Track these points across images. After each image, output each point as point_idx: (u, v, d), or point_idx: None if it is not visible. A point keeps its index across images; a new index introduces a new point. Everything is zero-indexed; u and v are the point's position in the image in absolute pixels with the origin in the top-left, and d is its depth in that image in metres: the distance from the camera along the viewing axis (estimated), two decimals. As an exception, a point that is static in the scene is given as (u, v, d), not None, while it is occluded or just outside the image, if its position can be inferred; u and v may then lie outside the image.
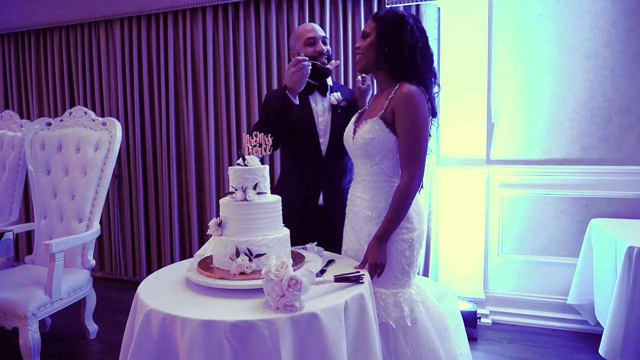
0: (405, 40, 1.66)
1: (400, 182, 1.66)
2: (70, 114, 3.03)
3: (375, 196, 1.74)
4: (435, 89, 1.77)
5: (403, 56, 1.67)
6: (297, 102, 1.89)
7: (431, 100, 1.72)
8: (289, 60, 3.30)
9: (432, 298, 1.83)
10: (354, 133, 1.78)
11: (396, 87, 1.68)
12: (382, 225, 1.66)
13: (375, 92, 2.36)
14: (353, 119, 1.88)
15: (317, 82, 2.08)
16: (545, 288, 3.02)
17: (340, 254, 1.89)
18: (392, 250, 1.70)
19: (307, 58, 1.88)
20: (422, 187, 1.78)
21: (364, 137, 1.71)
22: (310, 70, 1.89)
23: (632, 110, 2.81)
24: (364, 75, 2.05)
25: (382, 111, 1.69)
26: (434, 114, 1.75)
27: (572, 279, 2.80)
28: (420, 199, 1.83)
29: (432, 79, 1.73)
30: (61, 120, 3.03)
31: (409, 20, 1.68)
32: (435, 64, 1.78)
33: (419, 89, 1.66)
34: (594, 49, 2.85)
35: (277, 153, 3.33)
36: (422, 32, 1.72)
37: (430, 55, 1.72)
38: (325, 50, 2.07)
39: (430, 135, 1.78)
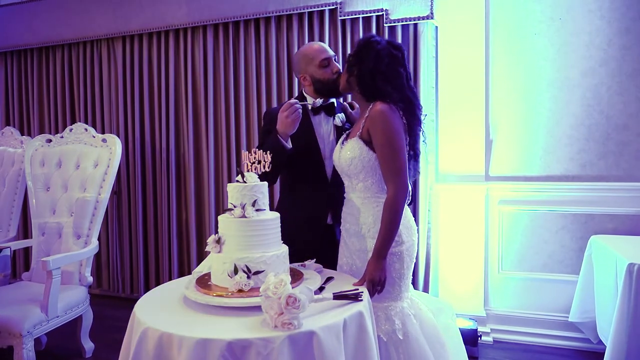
0: (368, 64, 1.73)
1: (386, 197, 1.70)
2: (71, 130, 3.04)
3: (363, 212, 1.79)
4: (417, 111, 1.78)
5: (365, 78, 1.74)
6: (289, 145, 1.89)
7: (406, 117, 1.75)
8: (289, 79, 3.37)
9: (426, 312, 1.83)
10: (340, 152, 1.84)
11: (370, 107, 1.74)
12: (377, 241, 1.68)
13: None
14: (341, 139, 1.92)
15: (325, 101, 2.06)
16: (547, 305, 2.99)
17: None
18: None
19: (298, 101, 1.92)
20: (410, 201, 1.81)
21: (346, 156, 1.78)
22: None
23: (629, 127, 2.83)
24: (350, 102, 2.16)
25: (360, 131, 1.76)
26: (410, 129, 1.77)
27: (574, 296, 2.78)
28: (409, 213, 1.85)
29: (407, 100, 1.74)
30: (61, 137, 3.05)
31: (375, 46, 1.74)
32: (408, 90, 1.77)
33: (389, 106, 1.70)
34: (590, 67, 2.88)
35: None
36: (392, 57, 1.74)
37: (396, 79, 1.74)
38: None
39: (419, 153, 1.83)
